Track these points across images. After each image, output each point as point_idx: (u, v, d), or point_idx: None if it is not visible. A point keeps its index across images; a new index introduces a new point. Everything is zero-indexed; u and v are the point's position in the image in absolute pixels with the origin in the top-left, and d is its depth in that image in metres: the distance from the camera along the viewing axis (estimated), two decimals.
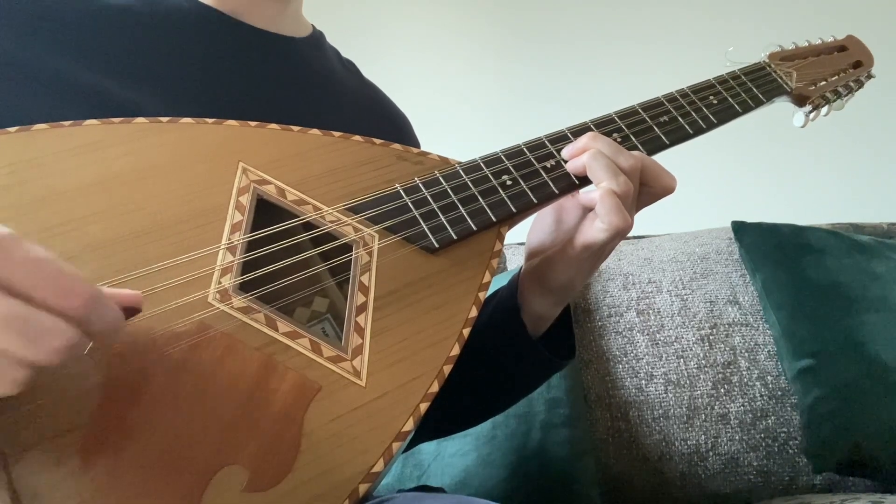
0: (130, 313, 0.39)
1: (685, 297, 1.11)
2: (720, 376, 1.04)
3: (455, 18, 1.86)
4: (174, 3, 0.61)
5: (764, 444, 1.00)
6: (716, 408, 1.02)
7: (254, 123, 0.53)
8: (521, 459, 0.93)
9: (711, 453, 1.00)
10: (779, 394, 1.02)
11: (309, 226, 0.50)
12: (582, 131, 0.60)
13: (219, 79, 0.60)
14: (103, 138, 0.48)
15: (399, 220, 0.52)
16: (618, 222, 0.53)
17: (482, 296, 0.53)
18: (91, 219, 0.45)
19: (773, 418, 1.01)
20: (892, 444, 0.94)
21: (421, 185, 0.54)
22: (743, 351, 1.06)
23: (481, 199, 0.55)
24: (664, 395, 1.03)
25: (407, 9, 1.85)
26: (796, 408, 1.00)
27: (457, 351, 0.49)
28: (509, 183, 0.56)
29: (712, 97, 0.65)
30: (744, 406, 1.02)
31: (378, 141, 0.57)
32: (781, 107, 0.73)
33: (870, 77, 0.77)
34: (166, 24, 0.59)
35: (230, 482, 0.39)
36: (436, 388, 0.47)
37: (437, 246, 0.52)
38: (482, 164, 0.57)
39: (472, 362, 0.57)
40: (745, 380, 1.03)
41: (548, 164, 0.58)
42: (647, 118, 0.62)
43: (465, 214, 0.54)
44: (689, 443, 1.00)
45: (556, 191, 0.57)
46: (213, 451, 0.40)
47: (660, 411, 1.02)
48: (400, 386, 0.46)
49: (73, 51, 0.54)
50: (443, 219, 0.53)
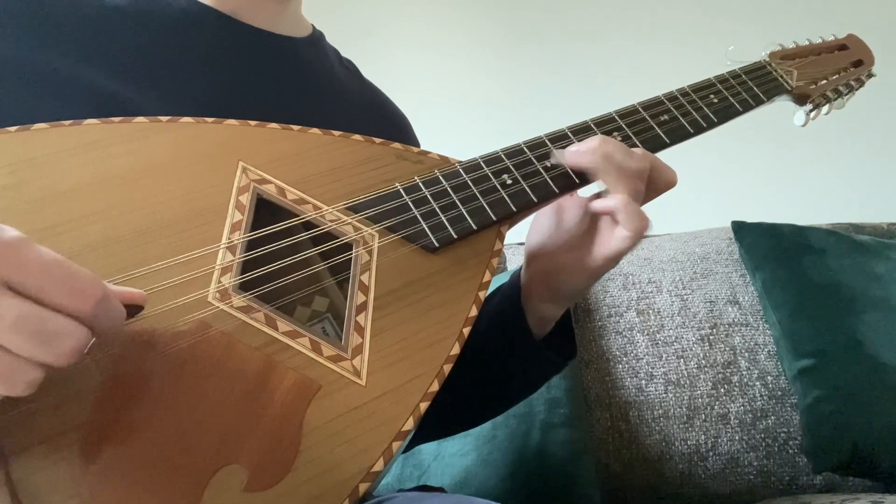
0: (134, 311, 0.39)
1: (685, 297, 1.11)
2: (720, 376, 1.03)
3: (455, 18, 1.86)
4: (174, 3, 0.61)
5: (764, 444, 1.00)
6: (716, 408, 1.02)
7: (254, 123, 0.53)
8: (521, 459, 0.93)
9: (711, 453, 1.00)
10: (779, 394, 1.02)
11: (309, 225, 0.50)
12: (582, 130, 0.60)
13: (218, 78, 0.60)
14: (103, 138, 0.48)
15: (399, 219, 0.52)
16: (642, 225, 0.53)
17: (482, 295, 0.53)
18: (91, 218, 0.45)
19: (773, 418, 1.01)
20: (892, 444, 0.94)
21: (421, 184, 0.54)
22: (743, 351, 1.05)
23: (481, 198, 0.55)
24: (664, 395, 1.03)
25: (407, 9, 1.85)
26: (796, 408, 1.00)
27: (457, 350, 0.49)
28: (509, 182, 0.56)
29: (713, 96, 0.65)
30: (744, 406, 1.02)
31: (378, 140, 0.56)
32: (782, 106, 0.73)
33: (870, 76, 0.77)
34: (166, 24, 0.59)
35: (230, 482, 0.39)
36: (436, 387, 0.47)
37: (437, 245, 0.52)
38: (482, 163, 0.57)
39: (473, 363, 0.57)
40: (745, 380, 1.03)
41: (548, 164, 0.58)
42: (648, 117, 0.62)
43: (466, 213, 0.54)
44: (689, 443, 1.00)
45: (556, 190, 0.57)
46: (213, 450, 0.39)
47: (660, 411, 1.02)
48: (400, 385, 0.46)
49: (74, 50, 0.54)
50: (443, 218, 0.53)
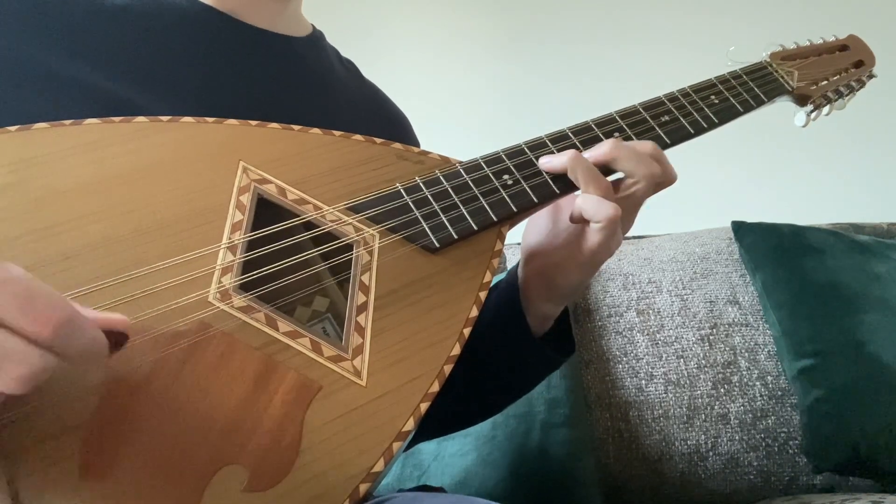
0: (120, 339, 0.36)
1: (685, 297, 1.11)
2: (720, 376, 1.03)
3: (455, 18, 1.85)
4: (174, 3, 0.60)
5: (764, 444, 1.00)
6: (716, 408, 1.02)
7: (254, 123, 0.53)
8: (521, 459, 0.93)
9: (711, 453, 1.00)
10: (779, 394, 1.02)
11: (309, 225, 0.50)
12: (583, 130, 0.60)
13: (219, 78, 0.60)
14: (104, 137, 0.48)
15: (400, 220, 0.52)
16: (608, 214, 0.53)
17: (483, 295, 0.53)
18: (91, 218, 0.44)
19: (773, 418, 1.01)
20: (892, 444, 0.94)
21: (422, 184, 0.54)
22: (743, 351, 1.05)
23: (482, 198, 0.55)
24: (664, 395, 1.03)
25: (407, 9, 1.85)
26: (796, 408, 1.00)
27: (457, 350, 0.49)
28: (510, 182, 0.56)
29: (713, 96, 0.65)
30: (744, 406, 1.01)
31: (378, 140, 0.56)
32: (782, 106, 0.73)
33: (871, 76, 0.77)
34: (166, 24, 0.59)
35: (230, 482, 0.39)
36: (436, 387, 0.47)
37: (438, 245, 0.52)
38: (483, 164, 0.57)
39: (473, 363, 0.57)
40: (745, 380, 1.03)
41: None
42: (649, 117, 0.62)
43: (466, 214, 0.54)
44: (688, 443, 1.00)
45: (556, 190, 0.57)
46: (213, 450, 0.39)
47: (660, 411, 1.02)
48: (400, 385, 0.46)
49: (74, 50, 0.54)
50: (443, 218, 0.53)
